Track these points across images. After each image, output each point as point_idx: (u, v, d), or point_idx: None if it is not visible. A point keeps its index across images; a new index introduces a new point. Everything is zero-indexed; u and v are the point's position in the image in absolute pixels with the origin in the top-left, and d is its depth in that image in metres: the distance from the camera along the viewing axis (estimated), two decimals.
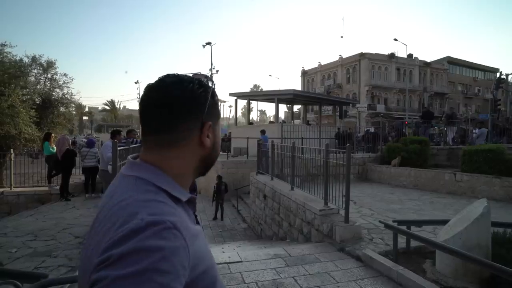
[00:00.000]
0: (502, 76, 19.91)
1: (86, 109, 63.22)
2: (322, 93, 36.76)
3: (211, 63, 32.45)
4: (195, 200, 0.73)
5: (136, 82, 50.48)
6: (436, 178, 9.30)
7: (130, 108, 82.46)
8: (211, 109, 0.73)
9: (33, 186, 9.32)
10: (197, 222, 0.72)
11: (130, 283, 0.48)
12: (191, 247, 0.58)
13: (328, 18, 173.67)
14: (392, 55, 37.68)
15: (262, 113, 77.57)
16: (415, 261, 4.03)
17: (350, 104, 28.99)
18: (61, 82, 15.36)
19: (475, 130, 13.51)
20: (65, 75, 15.37)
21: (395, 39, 32.95)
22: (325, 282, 3.56)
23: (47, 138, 8.91)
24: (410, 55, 39.20)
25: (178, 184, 0.68)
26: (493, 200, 7.08)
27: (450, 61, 43.98)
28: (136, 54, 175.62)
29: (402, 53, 38.22)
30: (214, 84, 0.76)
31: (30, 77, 14.59)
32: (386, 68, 38.09)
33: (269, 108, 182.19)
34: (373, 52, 37.56)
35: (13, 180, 8.94)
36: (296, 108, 35.13)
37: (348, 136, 14.85)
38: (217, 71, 31.26)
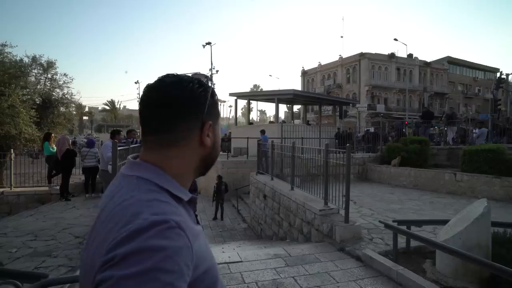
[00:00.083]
0: (502, 76, 19.91)
1: (86, 109, 63.27)
2: (322, 93, 36.77)
3: (211, 63, 32.28)
4: (196, 200, 0.73)
5: (136, 82, 50.59)
6: (436, 178, 9.30)
7: (130, 108, 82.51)
8: (211, 108, 0.73)
9: (33, 186, 9.32)
10: (197, 222, 0.73)
11: (135, 283, 0.49)
12: (194, 247, 0.58)
13: (328, 18, 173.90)
14: (392, 55, 37.69)
15: (262, 113, 77.63)
16: (415, 261, 4.03)
17: (350, 104, 29.00)
18: (61, 82, 15.40)
19: (475, 130, 13.50)
20: (65, 75, 15.42)
21: (395, 39, 33.02)
22: (325, 282, 3.56)
23: (47, 138, 8.92)
24: (410, 55, 39.22)
25: (179, 183, 0.68)
26: (493, 200, 7.08)
27: (450, 61, 43.98)
28: (136, 54, 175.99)
29: (402, 53, 38.34)
30: (214, 83, 0.76)
31: (30, 77, 14.60)
32: (386, 68, 38.09)
33: (269, 108, 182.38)
34: (373, 52, 37.58)
35: (13, 180, 8.94)
36: (296, 108, 35.18)
37: (348, 136, 14.85)
38: (217, 71, 31.17)
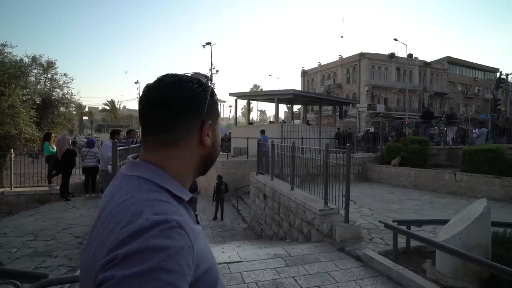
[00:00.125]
0: (502, 76, 19.92)
1: (86, 109, 63.26)
2: (322, 93, 36.76)
3: (211, 63, 32.13)
4: (196, 200, 0.74)
5: (136, 82, 50.60)
6: (436, 178, 9.30)
7: (130, 108, 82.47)
8: (210, 108, 0.73)
9: (33, 186, 9.32)
10: (197, 222, 0.73)
11: (136, 283, 0.49)
12: (195, 247, 0.58)
13: (328, 18, 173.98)
14: (392, 55, 37.68)
15: (262, 113, 77.62)
16: (415, 261, 4.03)
17: (350, 104, 28.99)
18: (61, 82, 15.41)
19: (475, 130, 13.51)
20: (65, 75, 15.43)
21: (395, 39, 33.01)
22: (325, 282, 3.56)
23: (47, 138, 8.92)
24: (410, 55, 39.22)
25: (179, 183, 0.68)
26: (493, 200, 7.08)
27: (450, 61, 43.97)
28: (136, 54, 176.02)
29: (402, 53, 38.33)
30: (214, 83, 0.76)
31: (30, 77, 14.61)
32: (386, 68, 38.09)
33: (269, 108, 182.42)
34: (373, 52, 37.57)
35: (13, 180, 8.94)
36: (296, 108, 35.18)
37: (348, 136, 14.84)
38: (217, 71, 31.15)
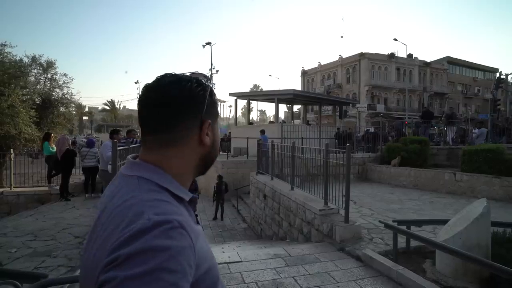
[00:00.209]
0: (502, 76, 19.94)
1: (86, 109, 63.22)
2: (322, 93, 36.76)
3: (211, 63, 32.18)
4: (196, 200, 0.73)
5: (136, 82, 50.47)
6: (436, 178, 9.30)
7: (130, 108, 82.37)
8: (209, 107, 0.73)
9: (33, 186, 9.32)
10: (198, 222, 0.72)
11: (139, 283, 0.49)
12: (196, 247, 0.58)
13: (328, 18, 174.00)
14: (392, 55, 37.69)
15: (262, 113, 77.61)
16: (415, 261, 4.03)
17: (350, 104, 28.99)
18: (61, 82, 15.34)
19: (474, 130, 13.51)
20: (65, 75, 15.36)
21: (395, 39, 33.01)
22: (325, 282, 3.56)
23: (47, 138, 8.91)
24: (410, 55, 39.23)
25: (179, 183, 0.68)
26: (493, 200, 7.08)
27: (450, 61, 43.98)
28: (136, 54, 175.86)
29: (402, 53, 38.34)
30: (213, 83, 0.76)
31: (30, 77, 14.56)
32: (386, 68, 38.09)
33: (269, 108, 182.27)
34: (373, 52, 37.58)
35: (13, 180, 8.93)
36: (296, 108, 35.18)
37: (348, 136, 14.85)
38: (217, 71, 31.19)
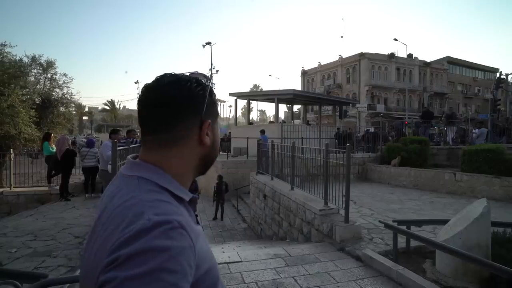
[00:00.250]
0: (502, 76, 19.93)
1: (86, 109, 63.20)
2: (322, 93, 36.76)
3: (211, 63, 32.22)
4: (196, 200, 0.73)
5: (136, 82, 50.43)
6: (436, 178, 9.30)
7: (130, 108, 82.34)
8: (209, 107, 0.72)
9: (33, 186, 9.31)
10: (198, 222, 0.72)
11: (139, 284, 0.49)
12: (197, 247, 0.58)
13: (328, 18, 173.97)
14: (392, 55, 37.68)
15: (262, 113, 77.66)
16: (415, 261, 4.03)
17: (350, 104, 28.99)
18: (61, 82, 15.34)
19: (475, 130, 13.52)
20: (65, 75, 15.36)
21: (395, 39, 33.00)
22: (325, 282, 3.56)
23: (46, 138, 8.91)
24: (410, 55, 39.23)
25: (179, 183, 0.68)
26: (493, 200, 7.08)
27: (450, 61, 43.98)
28: (136, 54, 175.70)
29: (402, 53, 38.34)
30: (213, 83, 0.76)
31: (30, 77, 14.55)
32: (386, 68, 38.09)
33: (269, 108, 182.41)
34: (373, 52, 37.58)
35: (13, 180, 8.93)
36: (296, 108, 35.17)
37: (348, 136, 14.85)
38: (217, 71, 31.23)
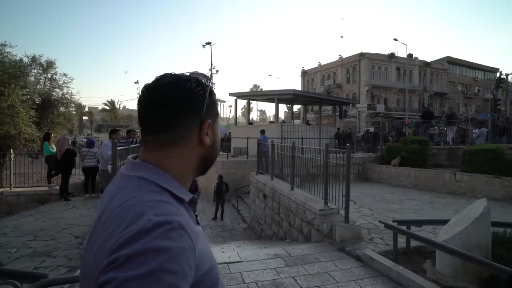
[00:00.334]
0: (502, 76, 19.91)
1: (86, 109, 63.19)
2: (322, 93, 36.75)
3: (211, 63, 32.24)
4: (196, 201, 0.73)
5: (136, 82, 50.47)
6: (436, 178, 9.30)
7: (130, 108, 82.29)
8: (209, 107, 0.72)
9: (33, 186, 9.31)
10: (198, 223, 0.72)
11: (139, 284, 0.49)
12: (197, 248, 0.58)
13: (328, 18, 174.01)
14: (392, 55, 37.67)
15: (262, 113, 77.66)
16: (415, 261, 4.03)
17: (350, 104, 28.99)
18: (61, 82, 15.31)
19: (475, 130, 13.52)
20: (65, 75, 15.34)
21: (395, 39, 32.98)
22: (325, 282, 3.56)
23: (46, 138, 8.91)
24: (410, 55, 39.20)
25: (179, 183, 0.68)
26: (493, 200, 7.08)
27: (450, 61, 43.97)
28: (136, 54, 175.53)
29: (402, 53, 38.29)
30: (213, 83, 0.76)
31: (30, 77, 14.53)
32: (386, 68, 38.08)
33: (269, 108, 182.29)
34: (373, 52, 37.57)
35: (13, 180, 8.93)
36: (296, 108, 35.17)
37: (348, 136, 14.85)
38: (217, 71, 31.25)
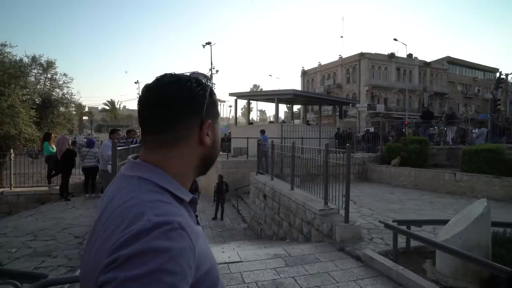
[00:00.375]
0: (501, 76, 19.92)
1: (86, 109, 63.21)
2: (322, 93, 36.76)
3: (211, 63, 32.27)
4: (197, 201, 0.73)
5: (136, 82, 50.46)
6: (436, 178, 9.30)
7: (130, 108, 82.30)
8: (209, 107, 0.72)
9: (33, 186, 9.31)
10: (198, 223, 0.72)
11: (139, 285, 0.49)
12: (196, 248, 0.58)
13: (328, 18, 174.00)
14: (392, 55, 37.68)
15: (262, 113, 77.67)
16: (415, 261, 4.03)
17: (350, 104, 28.99)
18: (61, 82, 15.32)
19: (475, 130, 13.50)
20: (65, 75, 15.34)
21: (395, 39, 32.98)
22: (325, 282, 3.56)
23: (47, 138, 8.91)
24: (410, 55, 39.21)
25: (179, 183, 0.68)
26: (493, 200, 7.08)
27: (450, 61, 43.98)
28: (136, 54, 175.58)
29: (402, 53, 38.30)
30: (213, 83, 0.76)
31: (30, 77, 14.53)
32: (386, 68, 38.09)
33: (269, 108, 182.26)
34: (373, 52, 37.57)
35: (13, 180, 8.93)
36: (296, 108, 35.17)
37: (348, 136, 14.85)
38: (217, 71, 31.25)
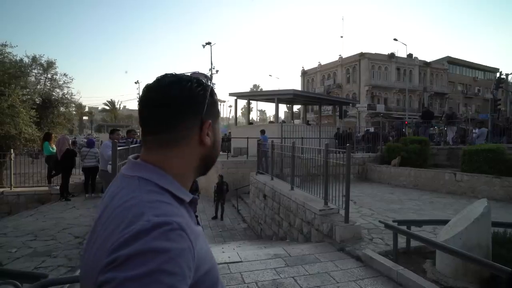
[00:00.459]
0: (502, 76, 19.93)
1: (86, 109, 63.26)
2: (322, 93, 36.76)
3: (211, 63, 32.27)
4: (197, 201, 0.73)
5: (136, 82, 50.58)
6: (436, 178, 9.30)
7: (130, 108, 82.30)
8: (210, 107, 0.72)
9: (33, 186, 9.30)
10: (198, 223, 0.72)
11: (138, 285, 0.49)
12: (196, 249, 0.58)
13: (328, 18, 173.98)
14: (392, 55, 37.67)
15: (262, 113, 77.69)
16: (415, 261, 4.03)
17: (350, 104, 28.99)
18: (61, 82, 15.33)
19: (475, 130, 13.52)
20: (65, 75, 15.35)
21: (395, 39, 32.97)
22: (325, 282, 3.56)
23: (47, 138, 8.91)
24: (410, 55, 39.21)
25: (179, 184, 0.68)
26: (493, 200, 7.08)
27: (450, 61, 43.96)
28: (136, 54, 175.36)
29: (402, 53, 38.30)
30: (213, 83, 0.76)
31: (30, 77, 14.54)
32: (386, 68, 38.08)
33: (269, 108, 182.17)
34: (373, 52, 37.57)
35: (13, 180, 8.93)
36: (296, 108, 35.16)
37: (348, 136, 14.85)
38: (217, 71, 31.23)
